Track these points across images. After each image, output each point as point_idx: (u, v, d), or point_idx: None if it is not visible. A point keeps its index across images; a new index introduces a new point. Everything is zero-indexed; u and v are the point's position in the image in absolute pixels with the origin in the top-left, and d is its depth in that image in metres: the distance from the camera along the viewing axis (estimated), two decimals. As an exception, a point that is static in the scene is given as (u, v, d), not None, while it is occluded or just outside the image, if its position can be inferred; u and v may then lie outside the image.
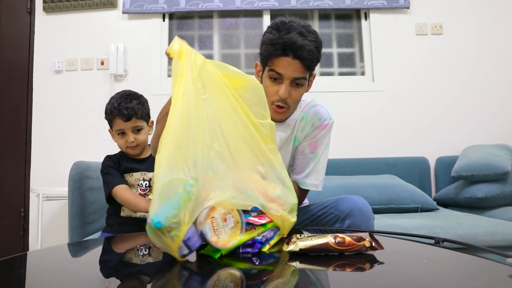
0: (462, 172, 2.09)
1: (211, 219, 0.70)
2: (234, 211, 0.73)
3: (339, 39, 2.79)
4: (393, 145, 2.57)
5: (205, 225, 0.69)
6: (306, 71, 1.11)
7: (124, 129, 1.43)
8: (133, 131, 1.44)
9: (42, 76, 2.63)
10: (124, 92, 1.48)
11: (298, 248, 0.71)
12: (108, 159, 1.49)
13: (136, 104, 1.44)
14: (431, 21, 2.66)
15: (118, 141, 1.47)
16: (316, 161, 1.23)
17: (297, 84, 1.13)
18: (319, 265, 0.69)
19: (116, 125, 1.43)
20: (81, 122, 2.57)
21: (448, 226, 1.62)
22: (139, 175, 1.46)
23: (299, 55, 1.07)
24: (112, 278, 0.69)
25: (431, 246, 0.84)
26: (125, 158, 1.49)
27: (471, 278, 0.64)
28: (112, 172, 1.44)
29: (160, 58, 2.65)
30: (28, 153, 2.57)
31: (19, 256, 0.88)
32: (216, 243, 0.69)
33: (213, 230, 0.70)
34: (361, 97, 2.62)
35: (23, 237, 2.52)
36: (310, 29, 1.11)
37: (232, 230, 0.72)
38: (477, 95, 2.62)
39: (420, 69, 2.65)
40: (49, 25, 2.66)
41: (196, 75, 0.75)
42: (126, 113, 1.41)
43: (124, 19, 2.67)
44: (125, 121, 1.41)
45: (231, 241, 0.71)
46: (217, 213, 0.71)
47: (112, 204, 1.46)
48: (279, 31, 1.09)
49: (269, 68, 1.12)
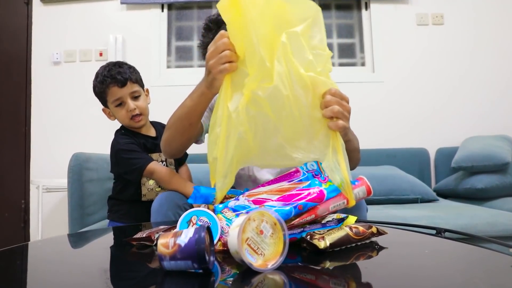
0: (462, 163, 2.09)
1: (246, 244, 0.57)
2: (266, 215, 0.61)
3: (339, 29, 2.76)
4: (393, 136, 2.57)
5: (244, 252, 0.56)
6: None
7: (122, 96, 1.31)
8: (131, 98, 1.33)
9: (40, 68, 2.61)
10: (109, 63, 1.37)
11: (328, 243, 0.66)
12: (124, 136, 1.35)
13: (127, 69, 1.34)
14: (432, 11, 2.64)
15: (118, 114, 1.34)
16: None
17: None
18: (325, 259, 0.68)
19: (112, 94, 1.32)
20: (80, 113, 2.56)
21: (448, 216, 1.62)
22: (157, 156, 1.36)
23: None
24: (112, 270, 0.69)
25: (432, 236, 0.84)
26: (140, 135, 1.38)
27: (474, 268, 0.64)
28: (137, 149, 1.31)
29: (159, 49, 2.63)
30: (27, 145, 2.57)
31: (19, 246, 0.88)
32: (265, 265, 0.57)
33: (255, 252, 0.58)
34: (361, 88, 2.61)
35: (24, 228, 2.53)
36: None
37: (274, 236, 0.60)
38: (478, 86, 2.61)
39: (420, 60, 2.63)
40: (47, 16, 2.63)
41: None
42: (120, 77, 1.30)
43: (123, 9, 2.64)
44: (120, 87, 1.30)
45: (278, 251, 0.59)
46: (249, 232, 0.58)
47: (130, 188, 1.37)
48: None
49: None
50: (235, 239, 0.56)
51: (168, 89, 2.46)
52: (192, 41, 2.73)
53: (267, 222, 0.60)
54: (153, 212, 1.17)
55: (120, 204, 1.43)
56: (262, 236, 0.59)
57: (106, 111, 1.40)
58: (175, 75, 2.65)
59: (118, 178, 1.44)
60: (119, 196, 1.42)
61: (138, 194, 1.38)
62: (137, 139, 1.36)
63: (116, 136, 1.38)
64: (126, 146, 1.31)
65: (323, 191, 0.75)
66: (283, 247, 0.59)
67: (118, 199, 1.43)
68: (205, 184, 1.89)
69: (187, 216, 0.74)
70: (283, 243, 0.60)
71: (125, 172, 1.35)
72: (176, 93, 2.52)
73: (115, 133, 1.41)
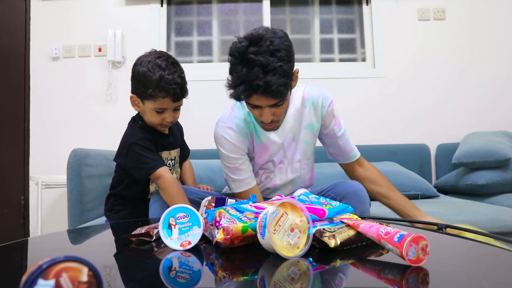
0: (463, 159, 2.08)
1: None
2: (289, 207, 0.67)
3: (340, 24, 2.75)
4: (393, 132, 2.56)
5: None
6: (279, 98, 1.08)
7: (168, 108, 1.24)
8: (173, 110, 1.27)
9: (39, 63, 2.59)
10: (168, 59, 1.24)
11: (339, 242, 0.67)
12: (143, 130, 1.27)
13: (183, 79, 1.24)
14: (434, 6, 2.62)
15: (152, 116, 1.26)
16: (347, 133, 1.33)
17: (276, 105, 1.11)
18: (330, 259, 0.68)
19: (161, 103, 1.22)
20: (80, 109, 2.55)
21: (449, 213, 1.61)
22: (167, 154, 1.34)
23: (267, 93, 1.04)
24: (112, 264, 0.69)
25: (434, 232, 0.83)
26: (156, 133, 1.31)
27: (476, 264, 0.64)
28: (152, 148, 1.26)
29: (158, 44, 2.61)
30: (26, 141, 2.56)
31: (19, 242, 0.88)
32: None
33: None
34: (362, 83, 2.59)
35: (24, 225, 2.53)
36: (274, 50, 1.02)
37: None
38: (479, 82, 2.59)
39: (421, 55, 2.61)
40: (45, 11, 2.61)
41: None
42: (179, 93, 1.21)
43: (122, 4, 2.62)
44: (173, 101, 1.22)
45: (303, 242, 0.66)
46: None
47: (138, 184, 1.32)
48: (242, 65, 1.03)
49: (246, 101, 1.12)
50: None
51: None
52: (191, 37, 2.72)
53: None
54: (151, 206, 1.17)
55: (124, 204, 1.38)
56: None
57: (133, 99, 1.29)
58: (174, 71, 2.63)
59: (124, 172, 1.36)
60: (123, 192, 1.37)
61: (146, 192, 1.35)
62: (154, 136, 1.30)
63: (134, 128, 1.30)
64: (143, 142, 1.24)
65: (324, 209, 0.79)
66: (307, 239, 0.65)
67: (122, 196, 1.38)
68: (204, 180, 1.89)
69: (168, 214, 0.74)
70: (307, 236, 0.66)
71: (133, 168, 1.28)
72: (175, 88, 2.52)
73: (132, 122, 1.34)
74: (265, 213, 0.66)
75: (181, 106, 1.29)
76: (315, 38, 2.73)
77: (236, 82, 1.05)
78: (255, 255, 0.69)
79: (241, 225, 0.71)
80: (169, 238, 0.72)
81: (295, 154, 1.28)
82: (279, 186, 1.31)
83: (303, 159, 1.30)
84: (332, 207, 0.82)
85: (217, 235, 0.71)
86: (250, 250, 0.71)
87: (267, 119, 1.12)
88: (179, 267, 0.65)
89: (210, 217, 0.77)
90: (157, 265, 0.68)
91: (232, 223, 0.72)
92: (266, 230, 0.63)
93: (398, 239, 0.58)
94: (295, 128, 1.26)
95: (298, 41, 2.73)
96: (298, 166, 1.30)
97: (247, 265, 0.68)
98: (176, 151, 1.41)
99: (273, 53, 1.02)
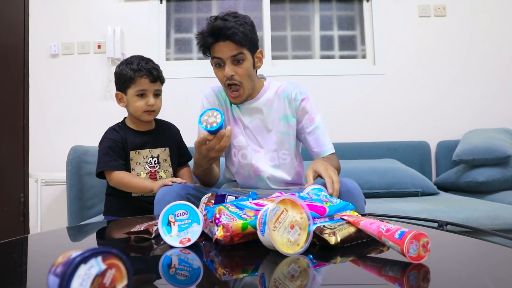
0: (463, 156, 2.08)
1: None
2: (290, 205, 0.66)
3: (340, 21, 2.74)
4: (393, 129, 2.55)
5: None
6: (240, 47, 1.22)
7: (147, 90, 1.37)
8: (154, 95, 1.39)
9: (38, 60, 2.58)
10: (144, 57, 1.42)
11: (339, 239, 0.66)
12: (112, 134, 1.40)
13: (158, 67, 1.41)
14: (434, 2, 2.61)
15: (135, 103, 1.37)
16: (321, 129, 1.36)
17: (237, 61, 1.24)
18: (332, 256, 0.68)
19: (140, 84, 1.36)
20: (79, 106, 2.55)
21: (449, 210, 1.61)
22: (147, 152, 1.41)
23: (227, 36, 1.19)
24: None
25: (434, 229, 0.83)
26: (130, 132, 1.42)
27: (478, 261, 0.63)
28: (115, 150, 1.36)
29: (158, 41, 2.60)
30: (26, 138, 2.55)
31: (19, 239, 0.88)
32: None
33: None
34: (362, 80, 2.59)
35: (23, 222, 2.53)
36: (237, 14, 1.24)
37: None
38: (479, 79, 2.59)
39: (422, 52, 2.61)
40: (44, 8, 2.60)
41: None
42: (155, 73, 1.36)
43: (121, 1, 2.61)
44: (151, 81, 1.36)
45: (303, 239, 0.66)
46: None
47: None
48: (207, 24, 1.24)
49: (211, 56, 1.26)
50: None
51: (167, 81, 2.43)
52: (191, 33, 2.71)
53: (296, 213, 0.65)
54: (156, 204, 1.17)
55: (114, 200, 1.44)
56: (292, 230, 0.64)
57: (118, 96, 1.42)
58: (174, 68, 2.62)
59: None
60: (110, 191, 1.45)
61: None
62: (126, 135, 1.40)
63: (108, 130, 1.44)
64: (108, 143, 1.37)
65: (325, 206, 0.79)
66: (307, 236, 0.65)
67: (111, 194, 1.45)
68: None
69: (168, 211, 0.74)
70: (307, 233, 0.65)
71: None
72: (175, 85, 2.51)
73: (108, 128, 1.46)
74: (265, 210, 0.65)
75: (160, 94, 1.42)
76: (315, 35, 2.72)
77: (202, 34, 1.23)
78: (255, 252, 0.69)
79: (241, 222, 0.71)
80: (168, 235, 0.72)
81: (270, 143, 1.34)
82: (261, 170, 1.34)
83: (280, 148, 1.34)
84: (332, 204, 0.81)
85: (216, 232, 0.71)
86: (250, 247, 0.70)
87: (227, 72, 1.22)
88: (178, 264, 0.65)
89: (210, 214, 0.77)
90: (156, 262, 0.67)
91: (232, 220, 0.72)
92: (266, 227, 0.62)
93: (399, 236, 0.58)
94: (266, 118, 1.33)
95: (298, 37, 2.71)
96: (276, 155, 1.35)
97: (247, 262, 0.68)
98: (161, 150, 1.45)
99: (234, 14, 1.24)
